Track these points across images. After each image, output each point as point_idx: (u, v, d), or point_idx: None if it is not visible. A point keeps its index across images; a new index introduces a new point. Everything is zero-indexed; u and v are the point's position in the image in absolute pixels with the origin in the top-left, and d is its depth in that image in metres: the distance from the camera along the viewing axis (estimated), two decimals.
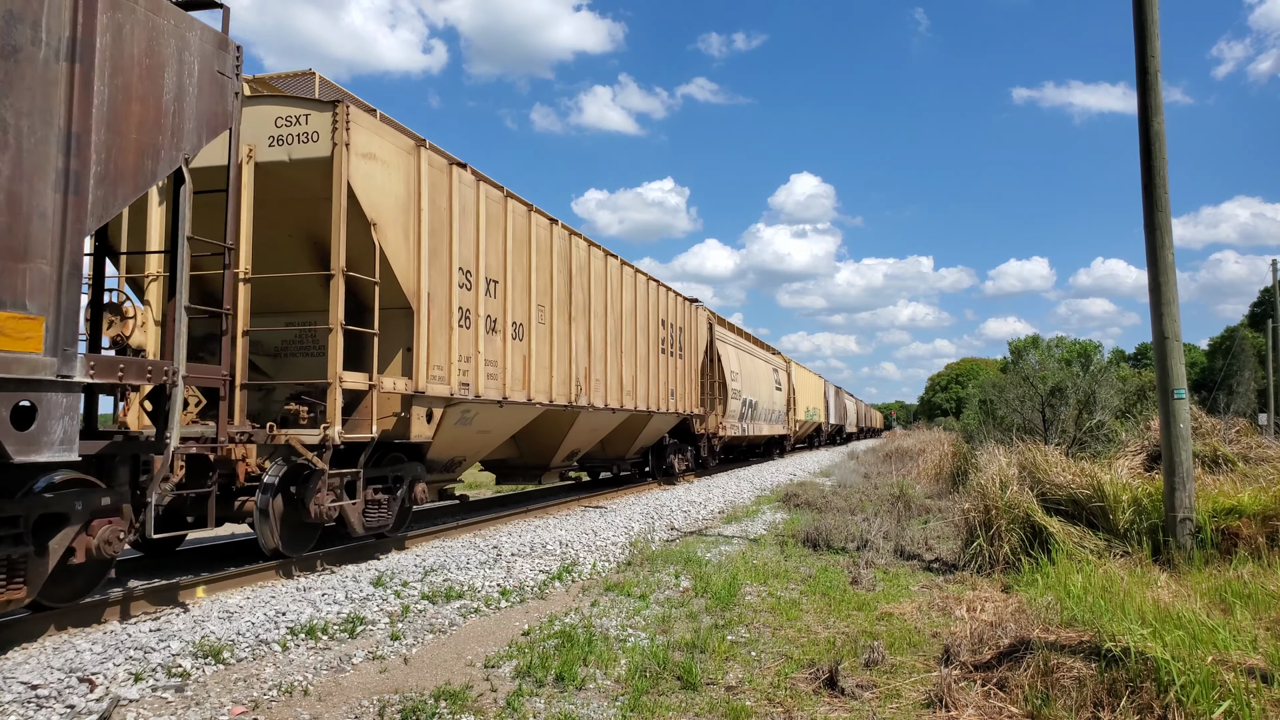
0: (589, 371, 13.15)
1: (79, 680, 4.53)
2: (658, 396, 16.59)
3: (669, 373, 17.53)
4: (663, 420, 17.47)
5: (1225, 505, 7.96)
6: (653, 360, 16.40)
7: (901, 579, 7.76)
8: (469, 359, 9.74)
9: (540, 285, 11.69)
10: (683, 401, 18.57)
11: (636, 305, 15.63)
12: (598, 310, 13.68)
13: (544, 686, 4.66)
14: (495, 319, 10.37)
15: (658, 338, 16.88)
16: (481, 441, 10.97)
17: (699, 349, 20.39)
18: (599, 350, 13.65)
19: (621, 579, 7.65)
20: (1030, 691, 4.22)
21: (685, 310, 19.48)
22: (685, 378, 18.91)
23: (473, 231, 9.96)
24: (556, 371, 11.99)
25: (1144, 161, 8.25)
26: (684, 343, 18.98)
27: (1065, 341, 33.73)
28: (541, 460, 13.49)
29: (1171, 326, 8.10)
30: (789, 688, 4.63)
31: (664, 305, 17.56)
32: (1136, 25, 8.30)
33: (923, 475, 19.35)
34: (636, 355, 15.42)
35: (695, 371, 19.70)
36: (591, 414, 13.38)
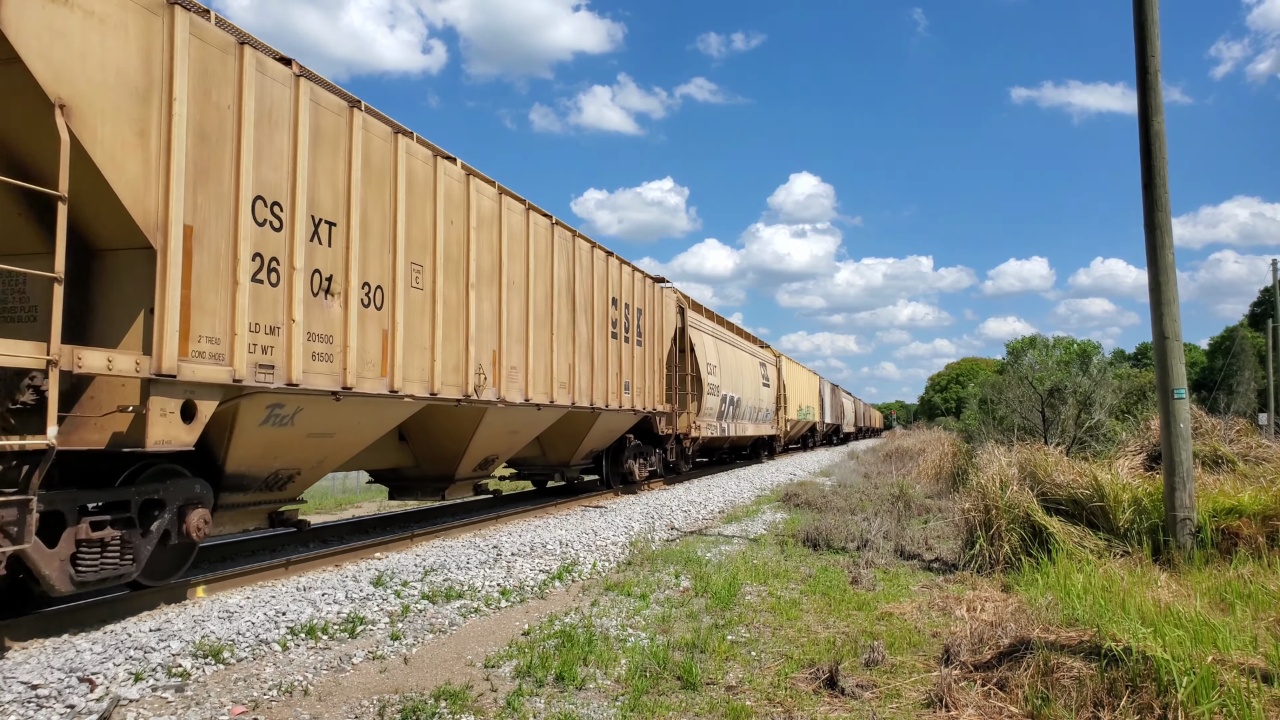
0: (499, 357, 10.30)
1: (79, 680, 4.53)
2: (606, 390, 13.72)
3: (624, 362, 14.69)
4: (615, 419, 14.71)
5: (1225, 505, 7.96)
6: (599, 346, 13.51)
7: (901, 579, 7.76)
8: (276, 329, 6.74)
9: (416, 238, 8.64)
10: (643, 397, 15.74)
11: (576, 278, 12.69)
12: (515, 279, 10.77)
13: (544, 686, 4.66)
14: (331, 277, 7.38)
15: (606, 319, 13.88)
16: (324, 448, 7.96)
17: (665, 336, 17.60)
18: (516, 330, 10.81)
19: (621, 579, 7.65)
20: (1030, 691, 4.22)
21: (647, 290, 16.46)
22: (647, 369, 16.13)
23: (287, 149, 6.93)
24: (444, 355, 9.03)
25: (1144, 161, 8.25)
26: (645, 328, 16.08)
27: (1064, 341, 33.70)
28: (443, 470, 10.79)
29: (1171, 326, 8.10)
30: (789, 687, 4.63)
31: (617, 281, 14.55)
32: (1136, 25, 8.30)
33: (923, 475, 19.35)
34: (576, 339, 12.59)
35: (659, 362, 16.94)
36: (505, 411, 10.65)
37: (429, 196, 8.98)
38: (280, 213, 6.90)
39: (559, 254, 12.20)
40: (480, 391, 9.88)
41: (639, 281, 16.03)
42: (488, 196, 10.27)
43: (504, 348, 10.51)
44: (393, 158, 8.35)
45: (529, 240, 11.26)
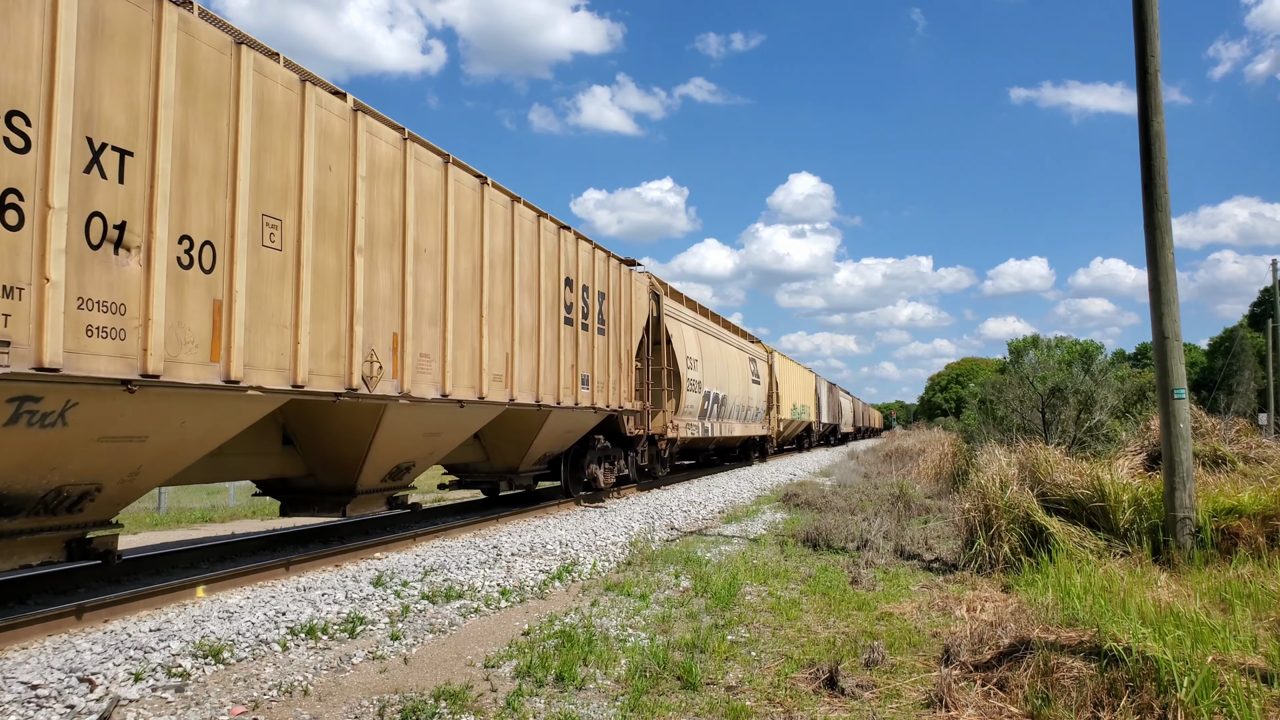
0: (402, 342, 8.37)
1: (79, 680, 4.53)
2: (557, 385, 11.84)
3: (581, 353, 12.78)
4: (571, 418, 12.75)
5: (1225, 505, 7.97)
6: (548, 334, 11.60)
7: (901, 579, 7.76)
8: (15, 291, 4.85)
9: (272, 183, 6.75)
10: (606, 393, 13.81)
11: (517, 251, 10.74)
12: (428, 247, 8.81)
13: (544, 686, 4.66)
14: (124, 225, 5.48)
15: (558, 302, 11.96)
16: (135, 455, 6.13)
17: (635, 325, 15.65)
18: (429, 309, 8.83)
19: (621, 579, 7.65)
20: (1030, 691, 4.23)
21: (612, 272, 14.33)
22: (612, 362, 14.16)
23: (37, 40, 5.02)
24: (314, 336, 7.17)
25: (1144, 161, 8.25)
26: (610, 315, 14.11)
27: (1065, 342, 33.63)
28: (341, 480, 8.92)
29: (1171, 326, 8.11)
30: (789, 688, 4.63)
31: (572, 259, 12.44)
32: (1136, 25, 8.30)
33: (923, 475, 19.36)
34: (517, 324, 10.68)
35: (627, 354, 15.02)
36: (413, 409, 8.66)
37: (293, 132, 7.02)
38: (26, 128, 4.94)
39: (492, 221, 10.16)
40: (373, 384, 7.87)
41: (601, 261, 13.82)
42: (386, 141, 8.21)
43: (409, 330, 8.43)
44: (233, 75, 6.39)
45: (448, 201, 9.14)
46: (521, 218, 10.99)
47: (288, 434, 8.74)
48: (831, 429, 52.77)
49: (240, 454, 8.12)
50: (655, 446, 17.48)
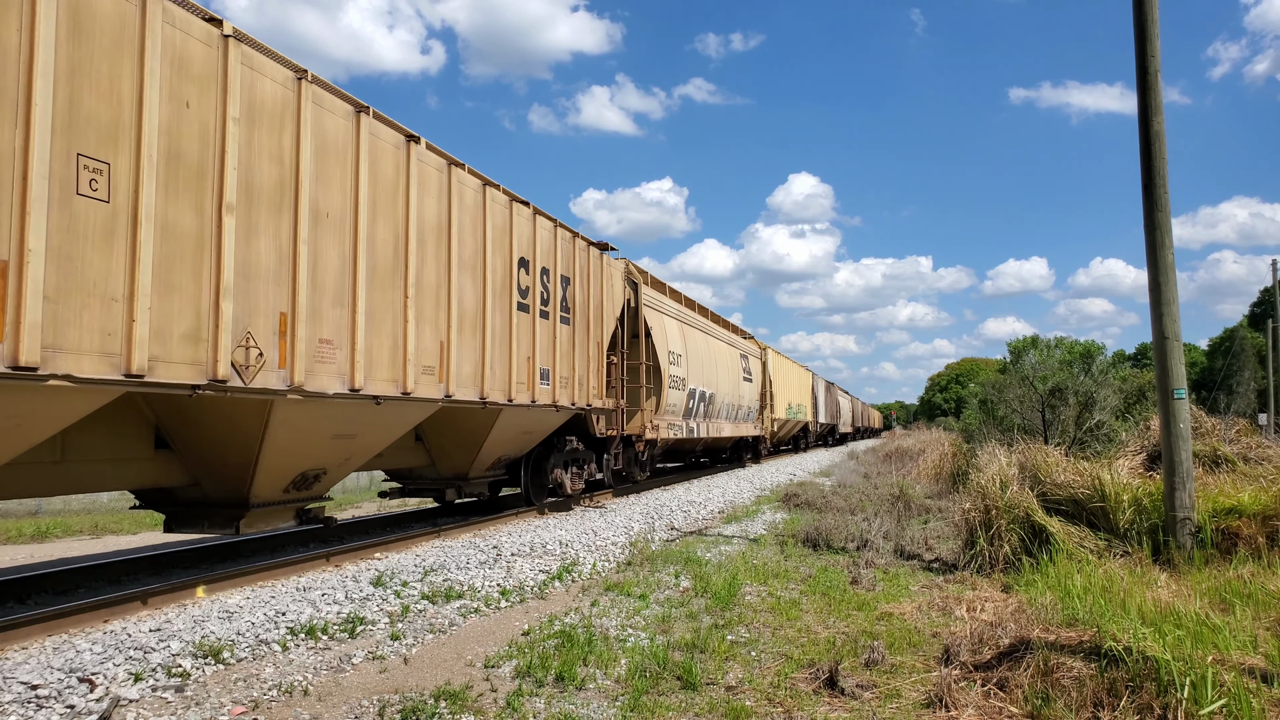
0: (292, 323, 6.84)
1: (79, 680, 4.53)
2: (509, 379, 10.48)
3: (540, 344, 11.39)
4: (528, 417, 11.33)
5: (1225, 505, 7.97)
6: (497, 320, 10.16)
7: (901, 579, 7.76)
8: None
9: (93, 114, 5.33)
10: (571, 389, 12.40)
11: (455, 224, 9.26)
12: (332, 209, 7.36)
13: (544, 686, 4.66)
14: None
15: (510, 285, 10.51)
16: None
17: (608, 315, 14.23)
18: (333, 284, 7.34)
19: (621, 579, 7.65)
20: (1030, 691, 4.22)
21: (579, 255, 12.76)
22: (579, 354, 12.70)
23: None
24: (161, 313, 5.75)
25: (1144, 161, 8.25)
26: (576, 302, 12.61)
27: (1066, 342, 33.59)
28: (231, 491, 7.50)
29: (1171, 326, 8.11)
30: (789, 688, 4.63)
31: (528, 237, 10.99)
32: (1136, 25, 8.30)
33: (923, 475, 19.36)
34: (456, 308, 9.24)
35: (598, 347, 13.57)
36: (311, 406, 7.21)
37: (128, 53, 5.53)
38: None
39: (423, 186, 8.70)
40: (249, 374, 6.43)
41: (564, 241, 12.25)
42: (273, 80, 6.76)
43: (304, 310, 6.95)
44: None
45: (361, 158, 7.72)
46: (462, 185, 9.46)
47: (162, 436, 7.27)
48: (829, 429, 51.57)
49: (93, 460, 6.67)
50: (633, 448, 16.19)
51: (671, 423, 17.76)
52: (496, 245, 10.36)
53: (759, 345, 29.54)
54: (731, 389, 23.27)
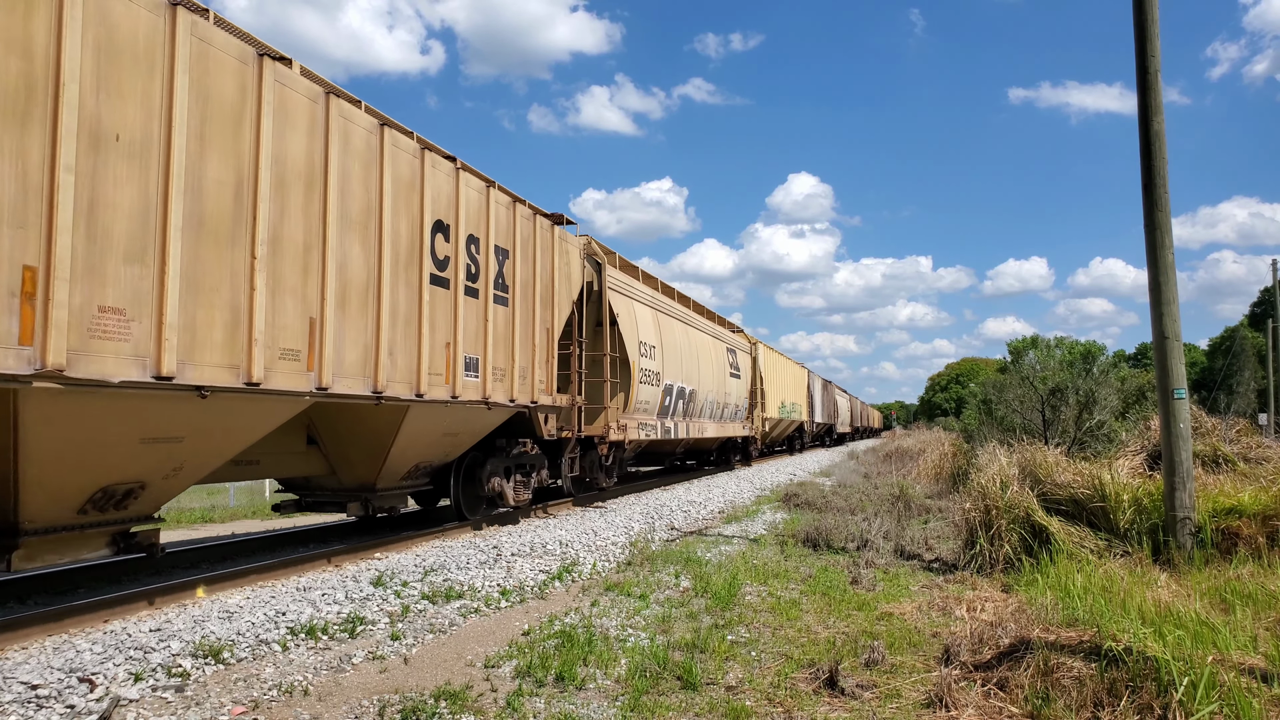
0: (49, 282, 5.08)
1: (79, 680, 4.53)
2: (417, 369, 8.61)
3: (465, 328, 9.54)
4: (450, 417, 9.46)
5: (1225, 505, 7.97)
6: (400, 296, 8.33)
7: (901, 579, 7.76)
8: None
9: None
10: (509, 382, 10.56)
11: (336, 169, 7.43)
12: (126, 130, 5.56)
13: (544, 686, 4.66)
14: None
15: (419, 252, 8.67)
16: None
17: (563, 298, 12.40)
18: (128, 234, 5.57)
19: (621, 579, 7.65)
20: (1030, 691, 4.23)
21: (522, 224, 10.91)
22: (519, 342, 10.79)
23: None
24: None
25: (1144, 161, 8.25)
26: (517, 280, 10.74)
27: (1066, 342, 33.56)
28: None
29: (1171, 326, 8.11)
30: (789, 688, 4.63)
31: (448, 197, 9.19)
32: (1136, 25, 8.30)
33: (923, 475, 19.36)
34: (335, 276, 7.38)
35: (547, 334, 11.81)
36: (82, 400, 5.44)
37: None
38: None
39: (282, 117, 6.86)
40: None
41: (502, 207, 10.40)
42: None
43: (66, 263, 5.14)
44: None
45: (175, 66, 5.87)
46: (348, 123, 7.62)
47: None
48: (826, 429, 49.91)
49: None
50: (595, 452, 14.25)
51: (643, 422, 15.91)
52: (401, 203, 8.41)
53: (749, 339, 27.82)
54: (716, 385, 21.60)
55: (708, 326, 22.14)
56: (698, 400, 19.77)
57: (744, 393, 25.23)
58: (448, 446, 10.17)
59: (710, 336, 21.90)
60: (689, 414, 19.20)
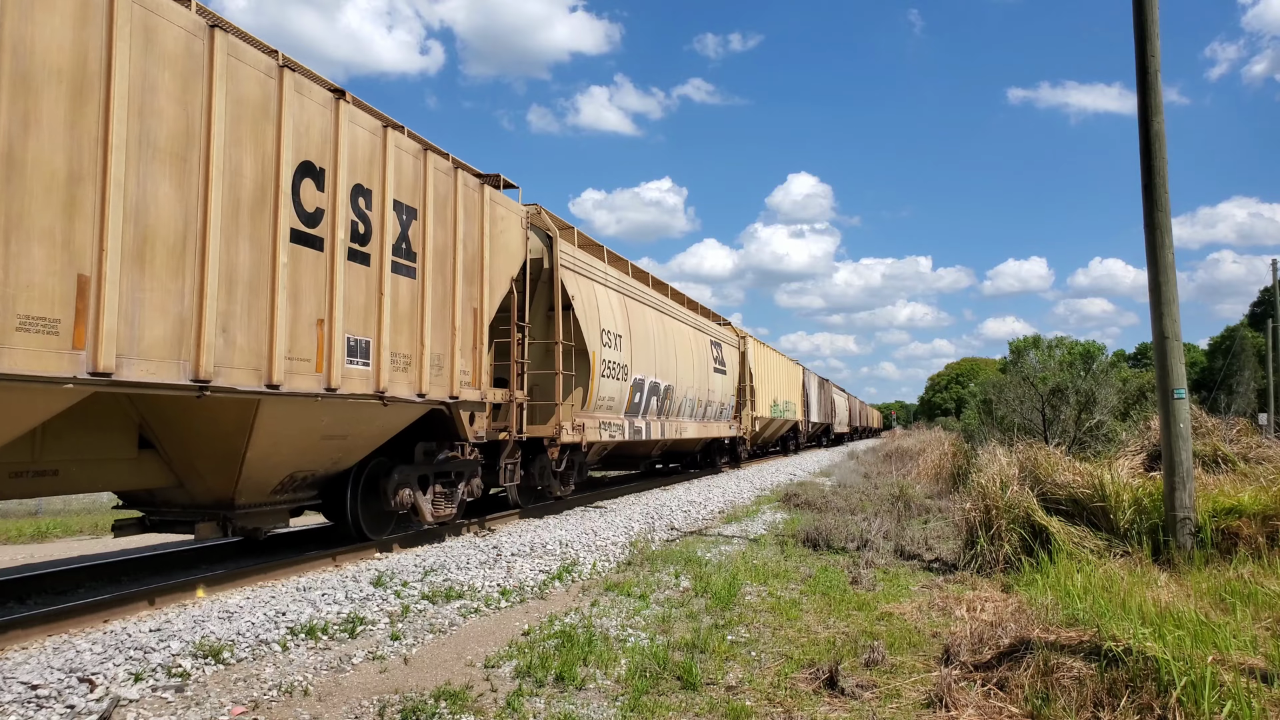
0: None
1: (79, 680, 4.53)
2: (272, 352, 6.82)
3: (347, 301, 7.68)
4: (330, 414, 7.62)
5: (1225, 505, 7.96)
6: (243, 255, 6.57)
7: (901, 579, 7.76)
8: None
9: None
10: (416, 372, 8.70)
11: (129, 77, 5.65)
12: None
13: (544, 686, 4.66)
14: None
15: (273, 199, 6.88)
16: None
17: (498, 273, 10.48)
18: None
19: (621, 579, 7.65)
20: (1030, 691, 4.22)
21: (437, 179, 9.05)
22: (430, 323, 8.87)
23: None
24: None
25: (1144, 161, 8.25)
26: (429, 247, 8.82)
27: (1066, 342, 33.55)
28: None
29: (1171, 326, 8.11)
30: (789, 688, 4.63)
31: (323, 134, 7.43)
32: (1136, 25, 8.30)
33: (923, 475, 19.35)
34: (132, 224, 5.68)
35: (473, 315, 9.89)
36: None
37: None
38: None
39: None
40: None
41: (407, 155, 8.59)
42: None
43: None
44: None
45: None
46: (151, 15, 5.83)
47: None
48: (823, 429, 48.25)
49: None
50: (545, 456, 12.44)
51: (607, 421, 14.06)
52: (245, 133, 6.55)
53: (737, 332, 25.90)
54: (698, 381, 19.83)
55: (688, 317, 20.25)
56: (675, 397, 18.05)
57: (731, 390, 23.70)
58: (334, 452, 8.19)
59: (691, 328, 20.14)
60: (665, 412, 17.44)
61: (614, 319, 14.52)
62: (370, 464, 9.19)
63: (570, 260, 13.01)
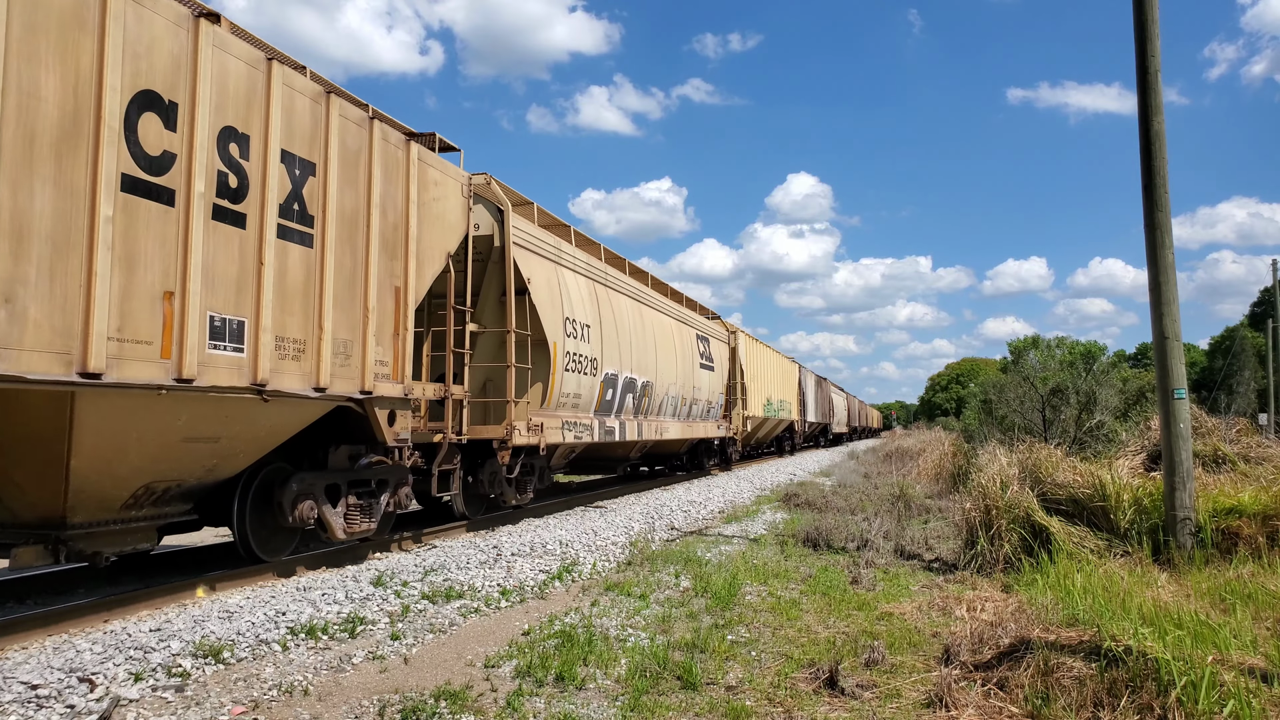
0: None
1: (79, 680, 4.53)
2: (98, 331, 5.31)
3: (220, 271, 6.32)
4: (189, 412, 6.19)
5: (1225, 505, 7.97)
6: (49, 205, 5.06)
7: (901, 579, 7.76)
8: None
9: None
10: (314, 360, 7.31)
11: None
12: None
13: (544, 686, 4.66)
14: None
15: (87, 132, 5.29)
16: None
17: (424, 247, 8.99)
18: None
19: (621, 579, 7.65)
20: (1030, 691, 4.22)
21: (338, 128, 7.54)
22: (332, 301, 7.51)
23: None
24: None
25: (1144, 161, 8.25)
26: (331, 210, 7.42)
27: (1067, 342, 33.49)
28: None
29: (1172, 326, 8.10)
30: (789, 687, 4.63)
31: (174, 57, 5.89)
32: (1136, 25, 8.30)
33: (923, 475, 19.35)
34: None
35: (395, 295, 8.47)
36: None
37: None
38: None
39: None
40: None
41: (305, 99, 7.21)
42: None
43: None
44: None
45: None
46: None
47: None
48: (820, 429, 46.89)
49: None
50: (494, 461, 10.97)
51: (571, 421, 12.59)
52: (42, 47, 5.09)
53: (726, 326, 24.51)
54: (682, 377, 18.28)
55: (671, 309, 18.60)
56: (655, 394, 16.42)
57: (719, 387, 22.23)
58: (205, 458, 6.71)
59: (674, 320, 18.49)
60: (644, 411, 15.88)
61: (582, 307, 12.91)
62: (263, 472, 7.77)
63: (526, 238, 11.47)
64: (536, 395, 11.72)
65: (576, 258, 13.47)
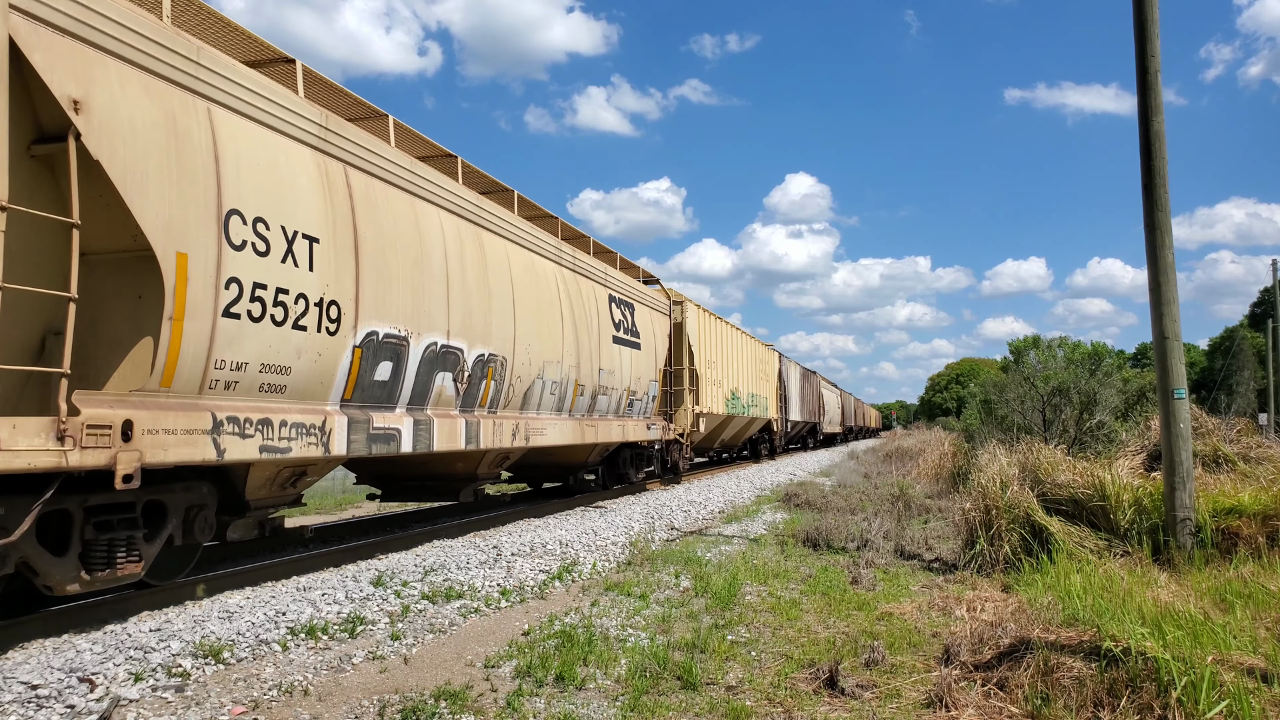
0: None
1: (79, 680, 4.53)
2: None
3: None
4: None
5: (1225, 505, 7.96)
6: None
7: (901, 579, 7.76)
8: None
9: None
10: None
11: None
12: None
13: (544, 686, 4.66)
14: None
15: None
16: None
17: None
18: None
19: (621, 579, 7.65)
20: (1030, 691, 4.22)
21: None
22: None
23: None
24: None
25: (1144, 161, 8.24)
26: None
27: (1068, 342, 33.37)
28: None
29: (1171, 326, 8.10)
30: (789, 687, 4.63)
31: None
32: (1136, 25, 8.30)
33: (923, 475, 19.35)
34: None
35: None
36: None
37: None
38: None
39: None
40: None
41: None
42: None
43: None
44: None
45: None
46: None
47: None
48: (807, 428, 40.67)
49: None
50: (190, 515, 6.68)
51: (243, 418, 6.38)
52: None
53: (668, 293, 18.63)
54: (575, 354, 12.81)
55: (557, 251, 12.73)
56: (513, 376, 10.90)
57: (652, 372, 16.64)
58: None
59: (566, 270, 12.95)
60: (486, 402, 10.40)
61: (310, 206, 7.09)
62: None
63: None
64: (132, 370, 5.65)
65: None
